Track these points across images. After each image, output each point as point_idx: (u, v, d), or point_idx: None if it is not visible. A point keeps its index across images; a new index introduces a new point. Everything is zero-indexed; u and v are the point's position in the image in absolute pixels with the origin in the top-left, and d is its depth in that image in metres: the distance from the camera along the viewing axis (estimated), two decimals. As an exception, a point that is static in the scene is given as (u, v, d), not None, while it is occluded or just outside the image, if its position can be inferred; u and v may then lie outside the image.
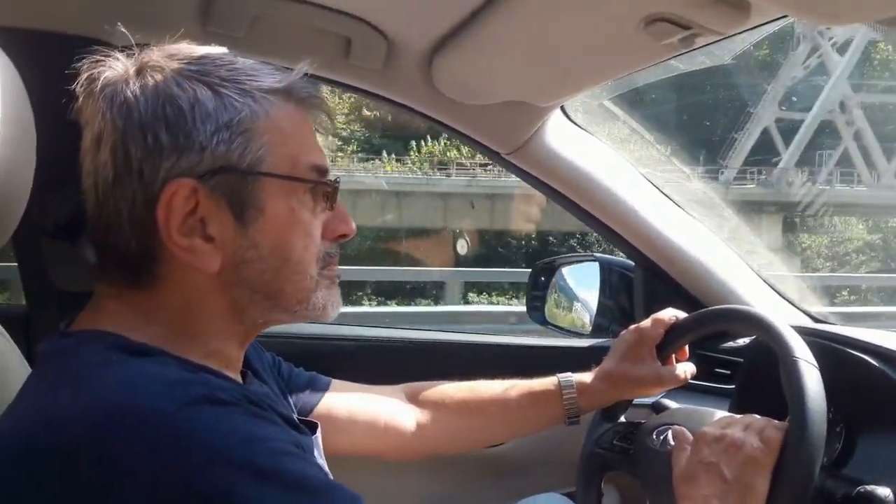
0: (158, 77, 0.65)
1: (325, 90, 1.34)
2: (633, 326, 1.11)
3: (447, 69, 1.11)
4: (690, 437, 0.93)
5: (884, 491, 0.89)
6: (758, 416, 0.91)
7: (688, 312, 1.14)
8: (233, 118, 0.65)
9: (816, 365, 0.89)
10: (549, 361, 1.50)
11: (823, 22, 0.71)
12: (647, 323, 1.09)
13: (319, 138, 0.75)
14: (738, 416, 0.93)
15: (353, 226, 0.75)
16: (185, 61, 0.67)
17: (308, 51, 1.14)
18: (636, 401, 1.16)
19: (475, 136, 1.28)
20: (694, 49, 0.89)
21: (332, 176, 0.73)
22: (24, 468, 0.56)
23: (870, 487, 0.89)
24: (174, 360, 0.64)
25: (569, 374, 1.11)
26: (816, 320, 1.42)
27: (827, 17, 0.69)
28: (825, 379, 0.89)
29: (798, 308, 1.45)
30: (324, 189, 0.71)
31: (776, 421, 0.88)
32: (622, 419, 1.14)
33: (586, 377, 1.10)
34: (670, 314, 1.09)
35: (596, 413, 1.15)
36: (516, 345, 1.51)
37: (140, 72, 0.66)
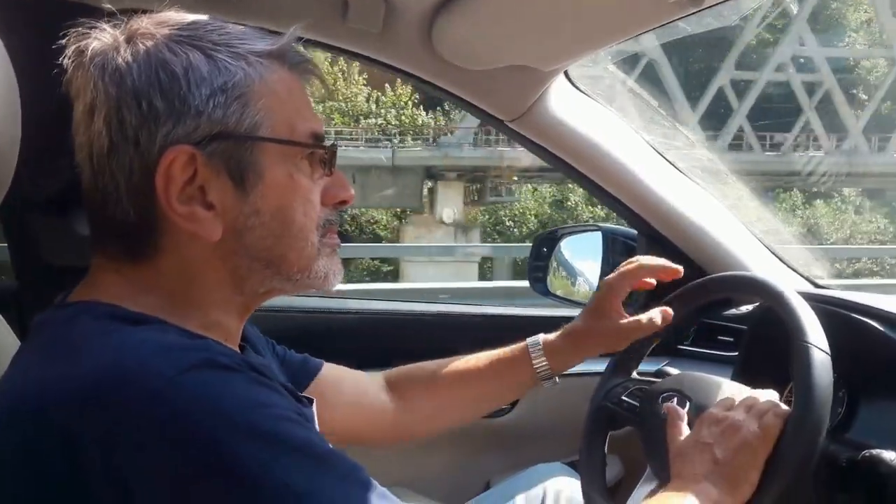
0: (149, 43, 0.64)
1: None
2: (603, 281, 1.09)
3: (448, 32, 1.08)
4: (683, 414, 0.93)
5: (889, 454, 0.88)
6: (763, 397, 0.91)
7: (690, 280, 1.13)
8: (227, 81, 0.64)
9: (829, 351, 0.87)
10: (552, 330, 1.50)
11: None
12: (612, 276, 1.07)
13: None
14: (744, 396, 0.92)
15: (352, 191, 0.75)
16: (176, 27, 0.66)
17: (303, 13, 1.11)
18: (641, 368, 1.15)
19: (477, 102, 1.25)
20: (704, 8, 0.85)
21: (328, 142, 0.73)
22: (19, 433, 0.56)
23: (875, 451, 0.89)
24: (173, 328, 0.63)
25: (538, 335, 1.10)
26: (819, 287, 1.41)
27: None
28: (832, 345, 0.88)
29: (801, 275, 1.44)
30: (321, 154, 0.71)
31: (781, 406, 0.88)
32: (634, 374, 1.13)
33: (554, 337, 1.09)
34: (635, 265, 1.06)
35: (608, 366, 1.14)
36: (520, 315, 1.50)
37: (130, 39, 0.65)
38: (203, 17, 0.69)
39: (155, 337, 0.60)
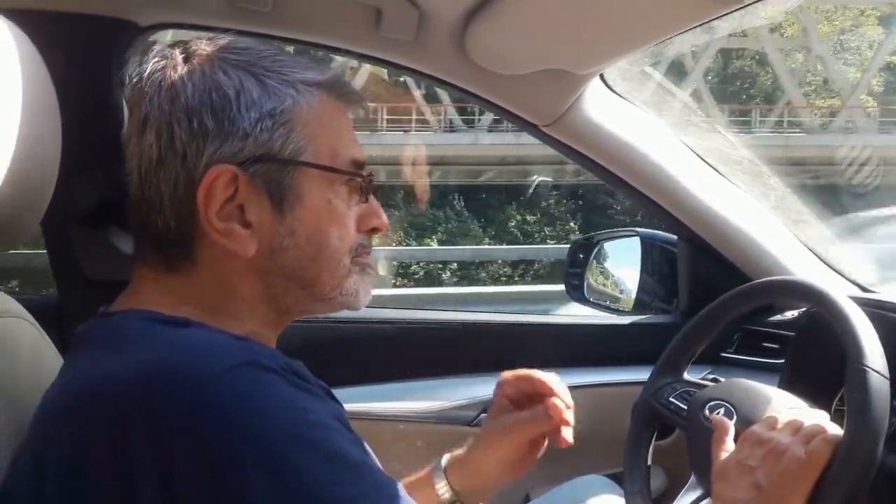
0: (205, 65, 0.67)
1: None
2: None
3: (481, 38, 1.07)
4: (731, 428, 0.90)
5: None
6: (811, 419, 0.87)
7: (734, 285, 1.10)
8: (276, 107, 0.67)
9: (887, 375, 0.83)
10: (589, 339, 1.48)
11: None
12: (506, 373, 1.00)
13: None
14: (792, 414, 0.89)
15: (385, 220, 0.77)
16: (231, 51, 0.69)
17: (337, 23, 1.12)
18: (686, 377, 1.12)
19: (511, 108, 1.23)
20: (744, 6, 0.83)
21: (367, 171, 0.75)
22: (68, 427, 0.57)
23: None
24: (217, 330, 0.65)
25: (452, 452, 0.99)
26: (866, 290, 1.36)
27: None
28: (885, 351, 0.84)
29: (848, 279, 1.39)
30: (360, 182, 0.73)
31: (831, 429, 0.83)
32: (685, 375, 1.10)
33: (462, 449, 0.98)
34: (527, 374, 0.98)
35: (657, 364, 1.12)
36: (557, 324, 1.48)
37: (187, 59, 0.68)
38: (257, 44, 0.72)
39: (202, 335, 0.63)
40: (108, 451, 0.55)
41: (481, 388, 1.36)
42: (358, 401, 1.31)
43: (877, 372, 0.83)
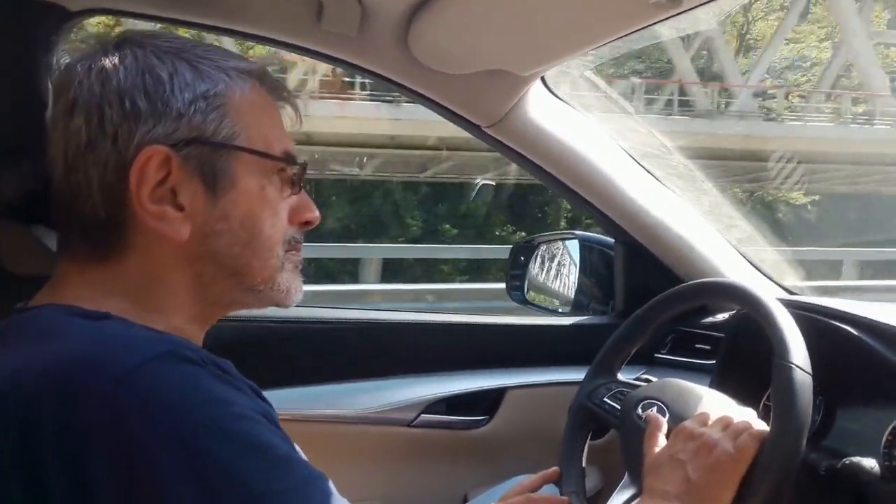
0: (138, 50, 0.67)
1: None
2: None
3: (425, 36, 1.06)
4: (664, 424, 0.93)
5: (870, 462, 0.88)
6: (740, 415, 0.90)
7: (668, 288, 1.13)
8: (209, 89, 0.67)
9: (810, 372, 0.87)
10: (529, 339, 1.49)
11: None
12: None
13: None
14: (722, 411, 0.92)
15: (318, 213, 0.77)
16: (163, 39, 0.69)
17: (277, 15, 1.10)
18: (620, 377, 1.14)
19: (454, 107, 1.23)
20: (684, 10, 0.85)
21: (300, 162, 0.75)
22: None
23: (855, 459, 0.89)
24: (139, 324, 0.64)
25: None
26: (792, 293, 1.42)
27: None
28: (809, 352, 0.88)
29: (775, 282, 1.45)
30: (292, 173, 0.73)
31: (757, 425, 0.87)
32: (619, 376, 1.12)
33: None
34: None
35: (591, 366, 1.14)
36: (497, 324, 1.48)
37: (119, 46, 0.68)
38: (189, 38, 0.73)
39: (120, 328, 0.61)
40: (18, 455, 0.53)
41: (420, 389, 1.35)
42: (292, 402, 1.28)
43: (801, 368, 0.86)
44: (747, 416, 0.90)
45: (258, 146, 0.70)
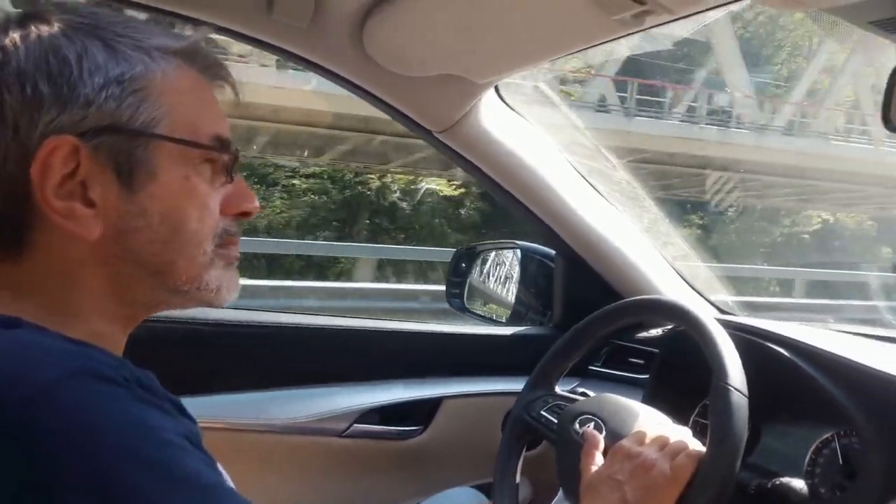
0: (44, 28, 0.60)
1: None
2: None
3: (380, 34, 1.03)
4: (601, 441, 0.93)
5: (798, 483, 0.91)
6: (676, 435, 0.91)
7: (606, 302, 1.14)
8: (125, 72, 0.61)
9: (747, 394, 0.89)
10: (466, 349, 1.48)
11: (786, 8, 0.69)
12: None
13: None
14: (659, 430, 0.93)
15: (257, 203, 0.71)
16: (76, 14, 0.62)
17: (227, 3, 1.04)
18: (558, 390, 1.14)
19: (406, 111, 1.21)
20: (644, 29, 0.85)
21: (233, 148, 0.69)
22: None
23: (785, 480, 0.91)
24: (53, 333, 0.58)
25: None
26: (722, 311, 1.46)
27: (790, 1, 0.67)
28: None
29: (706, 299, 1.49)
30: (223, 160, 0.67)
31: (694, 446, 0.88)
32: (557, 389, 1.12)
33: None
34: None
35: (529, 378, 1.13)
36: (433, 332, 1.46)
37: (22, 22, 0.60)
38: (109, 10, 0.65)
39: (33, 339, 0.55)
40: None
41: (353, 398, 1.32)
42: (218, 410, 1.23)
43: (739, 391, 0.88)
44: (683, 436, 0.92)
45: (182, 133, 0.64)
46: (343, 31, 1.06)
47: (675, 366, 1.21)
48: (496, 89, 1.23)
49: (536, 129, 1.32)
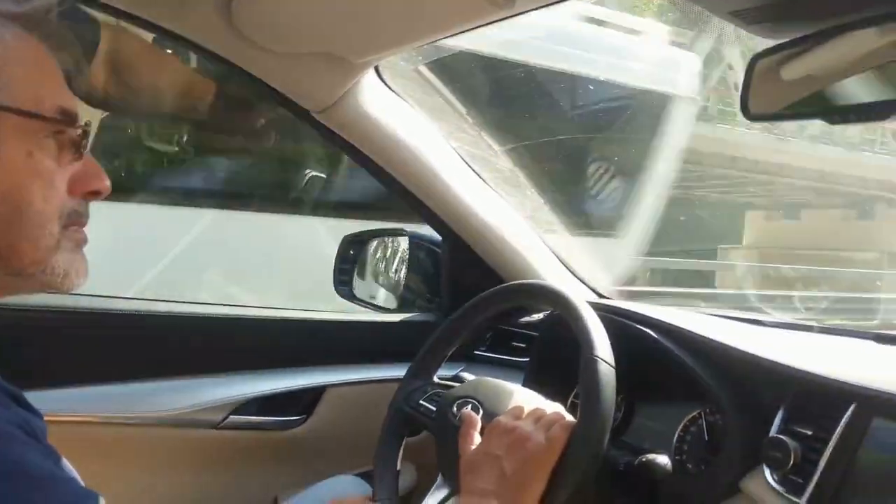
0: None
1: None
2: None
3: (250, 7, 0.99)
4: (478, 421, 0.94)
5: (663, 459, 0.95)
6: (551, 409, 0.93)
7: (491, 287, 1.15)
8: None
9: (614, 365, 0.91)
10: (355, 336, 1.46)
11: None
12: None
13: None
14: (534, 405, 0.95)
15: (108, 182, 0.67)
16: None
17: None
18: (439, 374, 1.14)
19: (282, 89, 1.17)
20: (518, 14, 0.86)
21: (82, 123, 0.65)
22: None
23: (650, 456, 0.95)
24: None
25: None
26: (601, 296, 1.51)
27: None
28: (613, 352, 0.93)
29: (587, 285, 1.54)
30: (71, 135, 0.63)
31: (567, 417, 0.90)
32: (435, 378, 1.12)
33: None
34: None
35: (409, 369, 1.13)
36: (321, 320, 1.43)
37: None
38: None
39: None
40: None
41: (231, 389, 1.27)
42: (80, 404, 1.14)
43: (605, 362, 0.91)
44: (556, 408, 0.94)
45: (24, 105, 0.59)
46: (211, 4, 1.00)
47: (554, 348, 1.24)
48: (377, 71, 1.21)
49: (419, 114, 1.31)
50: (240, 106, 3.17)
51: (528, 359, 1.33)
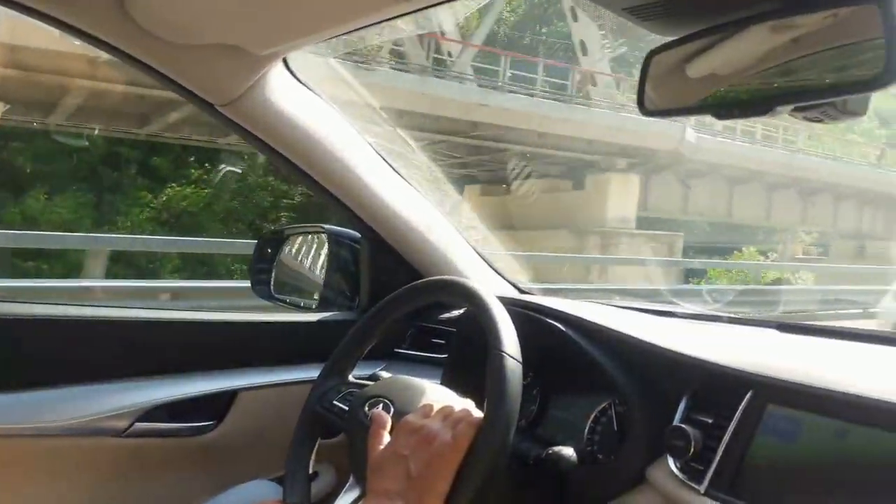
0: None
1: None
2: None
3: (144, -4, 0.94)
4: (388, 420, 0.93)
5: (568, 451, 0.96)
6: (459, 406, 0.92)
7: (409, 283, 1.14)
8: None
9: (520, 360, 0.91)
10: (272, 337, 1.42)
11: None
12: None
13: None
14: (444, 403, 0.94)
15: None
16: None
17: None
18: (357, 373, 1.12)
19: (184, 82, 1.12)
20: (421, 8, 0.84)
21: None
22: None
23: (557, 449, 0.96)
24: None
25: None
26: (522, 291, 1.52)
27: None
28: (527, 346, 0.93)
29: (508, 281, 1.54)
30: None
31: (475, 413, 0.89)
32: (350, 378, 1.10)
33: None
34: None
35: (323, 369, 1.10)
36: (237, 321, 1.38)
37: None
38: None
39: None
40: None
41: (136, 395, 1.21)
42: None
43: (511, 356, 0.90)
44: (466, 406, 0.93)
45: None
46: (103, -9, 0.95)
47: (470, 344, 1.24)
48: (285, 63, 1.18)
49: (333, 108, 1.28)
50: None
51: (446, 356, 1.32)
